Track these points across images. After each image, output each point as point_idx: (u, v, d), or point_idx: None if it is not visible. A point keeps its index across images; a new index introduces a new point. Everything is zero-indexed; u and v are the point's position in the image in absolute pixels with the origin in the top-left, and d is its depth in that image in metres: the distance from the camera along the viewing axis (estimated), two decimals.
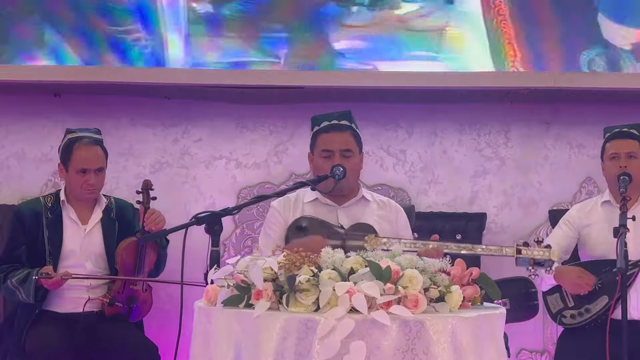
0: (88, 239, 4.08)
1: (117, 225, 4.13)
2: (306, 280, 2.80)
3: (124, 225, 4.12)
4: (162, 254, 4.15)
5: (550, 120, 5.00)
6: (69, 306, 4.02)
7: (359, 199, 3.81)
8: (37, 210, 4.06)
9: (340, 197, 3.77)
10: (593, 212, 4.18)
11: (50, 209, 4.07)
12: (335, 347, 2.70)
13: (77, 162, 4.02)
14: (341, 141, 3.73)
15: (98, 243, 4.08)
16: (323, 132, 3.75)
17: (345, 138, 3.74)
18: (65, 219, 4.07)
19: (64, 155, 4.06)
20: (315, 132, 3.79)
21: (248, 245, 4.90)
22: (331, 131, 3.75)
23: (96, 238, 4.09)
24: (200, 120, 4.99)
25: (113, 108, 4.92)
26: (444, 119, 5.00)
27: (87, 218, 4.10)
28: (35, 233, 4.04)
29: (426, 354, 2.74)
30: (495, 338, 2.97)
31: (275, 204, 3.84)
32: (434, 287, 2.88)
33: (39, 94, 4.90)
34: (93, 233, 4.09)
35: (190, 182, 4.97)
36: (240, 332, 2.82)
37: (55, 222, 4.05)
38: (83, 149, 4.03)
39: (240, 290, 2.90)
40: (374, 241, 3.52)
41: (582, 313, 4.01)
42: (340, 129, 3.76)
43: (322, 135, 3.75)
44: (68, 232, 4.06)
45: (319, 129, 3.78)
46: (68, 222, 4.07)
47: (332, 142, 3.72)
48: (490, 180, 4.99)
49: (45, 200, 4.10)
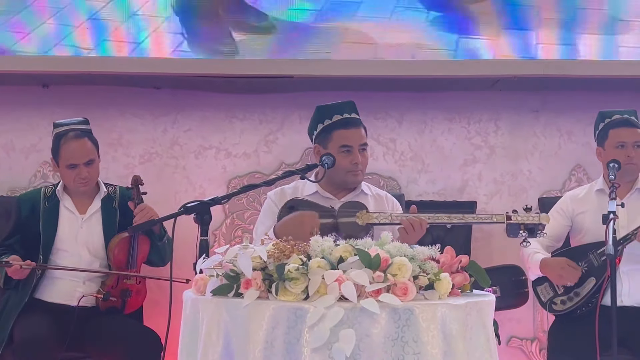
0: (86, 228, 4.08)
1: (118, 215, 4.13)
2: (295, 268, 2.80)
3: (127, 214, 4.09)
4: (160, 245, 4.13)
5: (540, 108, 5.00)
6: (61, 297, 4.03)
7: (358, 193, 3.82)
8: (35, 199, 4.09)
9: (340, 191, 3.79)
10: (586, 199, 4.19)
11: (48, 199, 4.09)
12: (325, 336, 2.71)
13: (66, 157, 4.03)
14: (360, 137, 3.76)
15: (97, 233, 4.09)
16: (341, 128, 3.76)
17: (362, 133, 3.78)
18: (61, 209, 4.08)
19: (54, 151, 4.08)
20: (328, 126, 3.78)
21: (238, 235, 4.90)
22: (350, 127, 3.76)
23: (95, 227, 4.09)
24: (189, 110, 4.97)
25: (102, 98, 4.90)
26: (434, 107, 5.00)
27: (86, 207, 4.11)
28: (31, 222, 4.06)
29: (416, 342, 2.75)
30: (485, 325, 2.97)
31: (272, 194, 3.85)
32: (423, 274, 2.88)
33: (26, 84, 4.88)
34: (91, 222, 4.10)
35: (179, 172, 4.96)
36: (230, 321, 2.82)
37: (50, 211, 4.07)
38: (70, 143, 4.02)
39: (229, 279, 2.90)
40: (366, 216, 3.55)
41: (572, 297, 4.03)
42: (357, 124, 3.78)
43: (340, 131, 3.75)
44: (63, 221, 4.07)
45: (332, 122, 3.77)
46: (64, 212, 4.08)
47: (352, 137, 3.75)
48: (480, 169, 5.00)
49: (45, 190, 4.13)
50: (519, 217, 3.47)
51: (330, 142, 3.76)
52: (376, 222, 3.55)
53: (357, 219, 3.53)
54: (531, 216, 3.46)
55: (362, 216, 3.55)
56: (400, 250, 2.90)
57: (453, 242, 4.42)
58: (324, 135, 3.78)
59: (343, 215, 3.59)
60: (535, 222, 3.46)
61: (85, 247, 4.07)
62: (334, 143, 3.75)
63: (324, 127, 3.78)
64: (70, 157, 4.02)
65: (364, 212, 3.56)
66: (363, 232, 3.51)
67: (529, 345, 4.90)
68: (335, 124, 3.77)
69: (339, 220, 3.56)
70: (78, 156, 4.02)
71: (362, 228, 3.53)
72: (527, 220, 3.45)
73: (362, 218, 3.54)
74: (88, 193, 4.13)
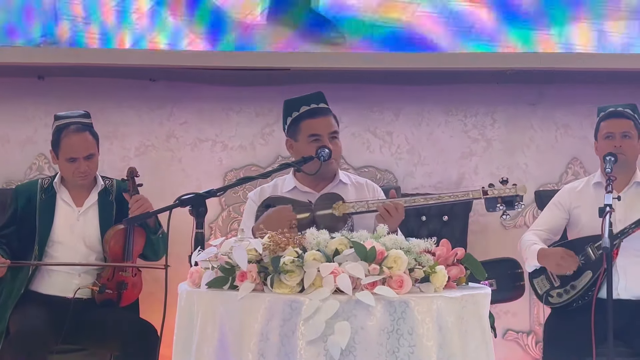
0: (82, 221, 4.08)
1: (115, 208, 4.12)
2: (291, 261, 2.79)
3: (124, 207, 4.09)
4: (154, 239, 4.12)
5: (537, 101, 5.00)
6: (57, 289, 4.03)
7: (336, 184, 3.80)
8: (32, 191, 4.09)
9: (318, 184, 3.76)
10: (584, 193, 4.18)
11: (45, 191, 4.09)
12: (320, 328, 2.70)
13: (66, 151, 4.02)
14: (328, 125, 3.71)
15: (93, 225, 4.09)
16: (307, 118, 3.71)
17: (331, 121, 3.73)
18: (58, 201, 4.08)
19: (54, 143, 4.07)
20: (296, 118, 3.74)
21: (235, 228, 4.89)
22: (317, 116, 3.71)
23: (91, 220, 4.09)
24: (185, 103, 4.96)
25: (98, 90, 4.89)
26: (431, 100, 4.99)
27: (83, 200, 4.11)
28: (28, 213, 4.06)
29: (411, 334, 2.74)
30: (481, 318, 2.96)
31: (252, 194, 3.85)
32: (419, 267, 2.87)
33: (22, 76, 4.86)
34: (88, 215, 4.10)
35: (176, 164, 4.95)
36: (225, 314, 2.81)
37: (47, 203, 4.07)
38: (71, 137, 4.02)
39: (225, 271, 2.89)
40: (342, 207, 3.56)
41: (568, 290, 4.03)
42: (325, 113, 3.74)
43: (307, 121, 3.71)
44: (60, 213, 4.07)
45: (299, 114, 3.74)
46: (61, 204, 4.08)
47: (320, 126, 3.70)
48: (476, 162, 4.99)
49: (42, 182, 4.13)
50: (495, 191, 3.47)
51: (299, 133, 3.73)
52: (353, 211, 3.55)
53: (334, 210, 3.52)
54: (507, 188, 3.46)
55: (339, 207, 3.55)
56: (396, 243, 2.90)
57: (449, 235, 4.45)
58: (293, 127, 3.75)
59: (319, 208, 3.59)
60: (513, 194, 3.45)
61: (82, 239, 4.07)
62: (302, 134, 3.72)
63: (292, 119, 3.75)
64: (71, 150, 4.01)
65: (339, 203, 3.56)
66: (341, 222, 3.52)
67: (525, 338, 4.91)
68: (302, 115, 3.73)
69: (315, 213, 3.56)
70: (78, 150, 4.02)
71: (339, 219, 3.53)
72: (504, 193, 3.46)
73: (338, 209, 3.54)
74: (85, 186, 4.12)
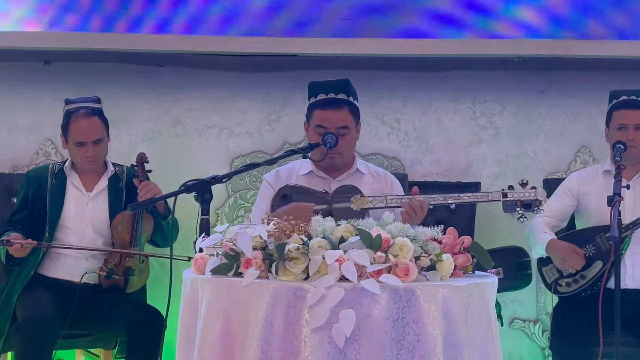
0: (92, 206, 4.09)
1: (124, 194, 4.13)
2: (296, 248, 2.78)
3: (133, 194, 4.08)
4: (165, 225, 4.11)
5: (546, 89, 4.96)
6: (64, 273, 4.04)
7: (353, 172, 3.77)
8: (43, 175, 4.11)
9: (334, 170, 3.74)
10: (593, 180, 4.16)
11: (55, 175, 4.11)
12: (325, 316, 2.69)
13: (74, 135, 4.03)
14: (337, 119, 3.66)
15: (103, 211, 4.10)
16: (319, 108, 3.68)
17: (342, 115, 3.67)
18: (68, 186, 4.10)
19: (63, 127, 4.08)
20: (311, 104, 3.72)
21: (241, 215, 4.88)
22: (328, 108, 3.67)
23: (101, 206, 4.10)
24: (192, 89, 4.94)
25: (104, 76, 4.87)
26: (439, 87, 4.96)
27: (93, 185, 4.12)
28: (39, 198, 4.07)
29: (416, 323, 2.73)
30: (487, 307, 2.95)
31: (268, 176, 3.82)
32: (425, 255, 2.86)
33: (28, 61, 4.85)
34: (97, 201, 4.11)
35: (182, 151, 4.93)
36: (229, 300, 2.81)
37: (58, 188, 4.09)
38: (80, 121, 4.03)
39: (229, 258, 2.88)
40: (360, 201, 3.52)
41: (578, 280, 4.01)
42: (338, 105, 3.67)
43: (318, 111, 3.68)
44: (70, 198, 4.09)
45: (315, 101, 3.70)
46: (71, 189, 4.10)
47: (328, 119, 3.66)
48: (484, 150, 4.96)
49: (53, 167, 4.15)
50: (515, 194, 3.45)
51: (311, 120, 3.71)
52: (371, 206, 3.51)
53: (352, 204, 3.48)
54: (527, 192, 3.44)
55: (357, 201, 3.51)
56: (402, 230, 2.88)
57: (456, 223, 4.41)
58: (308, 112, 3.74)
59: (337, 200, 3.54)
60: (532, 199, 3.44)
61: (90, 224, 4.08)
62: (313, 122, 3.70)
63: (310, 104, 3.74)
64: (79, 134, 4.02)
65: (358, 196, 3.51)
66: (358, 217, 3.48)
67: (532, 326, 4.89)
68: (316, 103, 3.70)
69: (332, 206, 3.52)
70: (86, 134, 4.02)
71: (356, 213, 3.47)
72: (524, 197, 3.44)
73: (356, 203, 3.50)
74: (95, 171, 4.14)
